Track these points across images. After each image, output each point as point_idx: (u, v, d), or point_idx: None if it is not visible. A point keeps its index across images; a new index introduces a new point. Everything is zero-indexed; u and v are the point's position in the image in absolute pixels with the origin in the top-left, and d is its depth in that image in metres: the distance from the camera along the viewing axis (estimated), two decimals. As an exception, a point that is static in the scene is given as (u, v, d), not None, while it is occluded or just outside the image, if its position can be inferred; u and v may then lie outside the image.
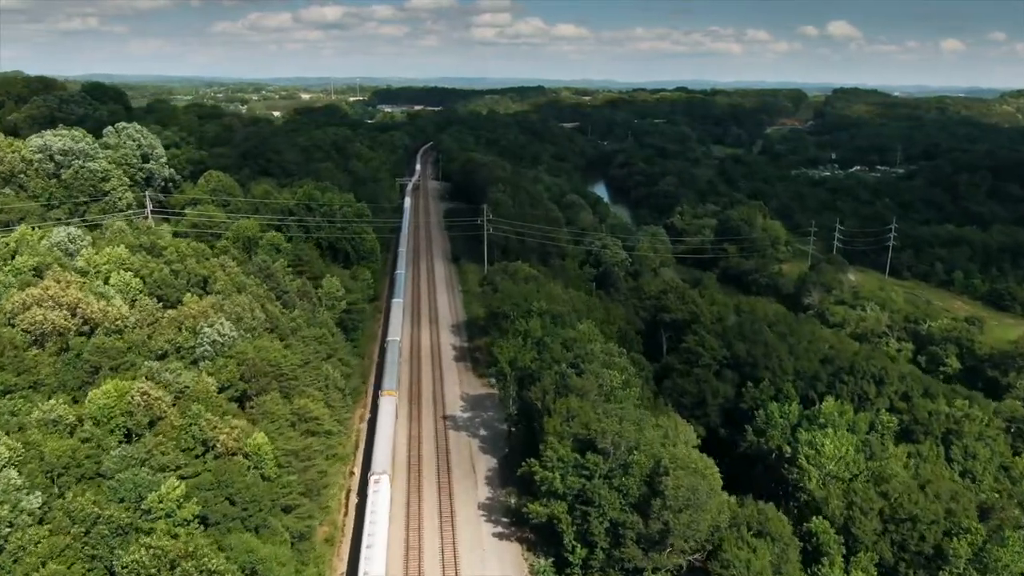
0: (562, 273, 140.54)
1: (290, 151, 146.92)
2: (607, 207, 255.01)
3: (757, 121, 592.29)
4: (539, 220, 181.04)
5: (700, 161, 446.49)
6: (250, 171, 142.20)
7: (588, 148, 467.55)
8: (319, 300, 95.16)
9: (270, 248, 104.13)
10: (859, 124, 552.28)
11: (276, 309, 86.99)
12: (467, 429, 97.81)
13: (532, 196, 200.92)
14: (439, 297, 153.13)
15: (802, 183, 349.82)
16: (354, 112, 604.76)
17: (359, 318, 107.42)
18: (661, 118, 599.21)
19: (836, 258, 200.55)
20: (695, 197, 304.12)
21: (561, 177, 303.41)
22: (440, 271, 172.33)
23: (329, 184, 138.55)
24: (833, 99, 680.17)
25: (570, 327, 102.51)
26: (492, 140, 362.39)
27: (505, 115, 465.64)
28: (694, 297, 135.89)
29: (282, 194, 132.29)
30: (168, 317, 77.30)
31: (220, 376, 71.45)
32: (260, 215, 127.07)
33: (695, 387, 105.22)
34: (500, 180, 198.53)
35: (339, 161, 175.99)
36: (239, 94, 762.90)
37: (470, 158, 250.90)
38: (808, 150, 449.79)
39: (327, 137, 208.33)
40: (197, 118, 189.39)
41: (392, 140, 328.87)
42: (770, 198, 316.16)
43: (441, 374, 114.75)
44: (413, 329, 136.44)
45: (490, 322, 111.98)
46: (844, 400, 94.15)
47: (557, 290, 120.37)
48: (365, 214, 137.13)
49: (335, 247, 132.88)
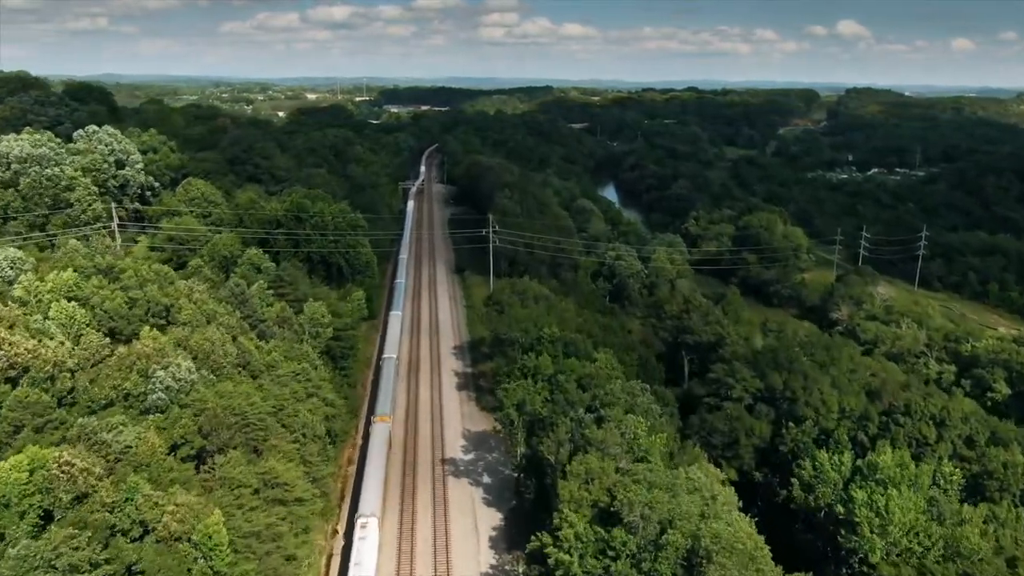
0: (574, 289, 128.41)
1: (280, 156, 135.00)
2: (619, 212, 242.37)
3: (769, 122, 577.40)
4: (549, 229, 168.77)
5: (712, 163, 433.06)
6: (236, 178, 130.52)
7: (597, 149, 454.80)
8: (301, 328, 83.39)
9: (249, 267, 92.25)
10: (873, 125, 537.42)
11: (250, 342, 75.01)
12: (469, 474, 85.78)
13: (541, 202, 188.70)
14: (441, 312, 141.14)
15: (819, 186, 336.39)
16: (359, 112, 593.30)
17: (350, 343, 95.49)
18: (671, 118, 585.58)
19: (866, 269, 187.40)
20: (709, 201, 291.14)
21: (571, 180, 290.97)
22: (443, 283, 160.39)
23: (322, 192, 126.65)
24: (846, 99, 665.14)
25: (586, 357, 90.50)
26: (499, 141, 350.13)
27: (513, 115, 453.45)
28: (719, 317, 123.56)
29: (270, 203, 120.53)
30: (117, 357, 65.42)
31: (173, 431, 59.61)
32: (244, 227, 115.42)
33: (726, 424, 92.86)
34: (507, 185, 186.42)
35: (336, 166, 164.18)
36: (245, 94, 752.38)
37: (475, 161, 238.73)
38: (823, 152, 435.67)
39: (325, 140, 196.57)
40: (184, 120, 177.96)
41: (396, 142, 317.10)
42: (787, 202, 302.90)
43: (441, 405, 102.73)
44: (412, 348, 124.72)
45: (495, 348, 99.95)
46: (900, 446, 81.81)
47: (570, 311, 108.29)
48: (360, 225, 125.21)
49: (328, 261, 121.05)
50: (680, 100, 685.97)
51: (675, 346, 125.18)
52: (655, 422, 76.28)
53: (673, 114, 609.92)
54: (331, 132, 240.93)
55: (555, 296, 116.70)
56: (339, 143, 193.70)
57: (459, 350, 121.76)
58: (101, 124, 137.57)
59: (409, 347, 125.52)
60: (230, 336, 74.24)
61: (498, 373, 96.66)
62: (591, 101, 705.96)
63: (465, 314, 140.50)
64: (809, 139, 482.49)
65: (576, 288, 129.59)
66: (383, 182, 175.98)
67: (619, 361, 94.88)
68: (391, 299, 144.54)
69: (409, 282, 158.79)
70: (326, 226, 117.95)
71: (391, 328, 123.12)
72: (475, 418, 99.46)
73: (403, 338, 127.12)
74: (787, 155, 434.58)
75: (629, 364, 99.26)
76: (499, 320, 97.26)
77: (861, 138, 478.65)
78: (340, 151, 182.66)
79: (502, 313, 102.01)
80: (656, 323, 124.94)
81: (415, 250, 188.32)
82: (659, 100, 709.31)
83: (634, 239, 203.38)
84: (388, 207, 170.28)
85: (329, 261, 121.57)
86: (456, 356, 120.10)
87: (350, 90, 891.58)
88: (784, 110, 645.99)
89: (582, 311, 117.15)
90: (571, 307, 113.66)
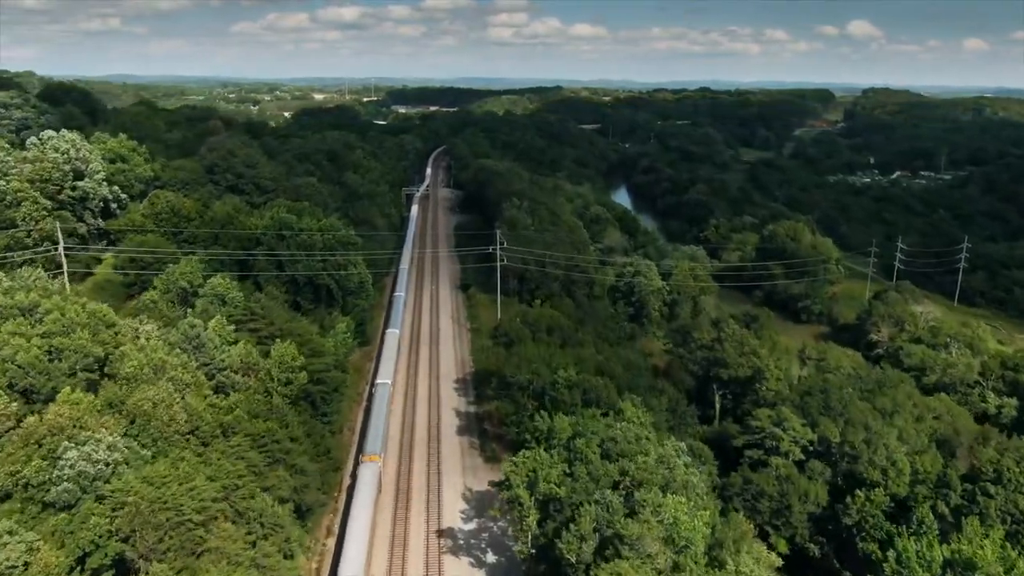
0: (591, 313, 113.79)
1: (266, 163, 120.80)
2: (636, 220, 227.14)
3: (785, 123, 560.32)
4: (562, 242, 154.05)
5: (728, 165, 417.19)
6: (216, 188, 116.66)
7: (609, 151, 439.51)
8: (268, 375, 69.24)
9: (213, 299, 78.12)
10: (892, 126, 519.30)
11: (202, 401, 60.81)
12: (469, 551, 71.30)
13: (552, 211, 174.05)
14: (443, 338, 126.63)
15: (843, 191, 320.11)
16: (367, 113, 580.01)
17: (333, 386, 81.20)
18: (684, 119, 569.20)
19: (905, 285, 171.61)
20: (728, 207, 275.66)
21: (583, 185, 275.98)
22: (446, 301, 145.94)
23: (309, 205, 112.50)
24: (862, 100, 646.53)
25: (608, 405, 76.06)
26: (509, 143, 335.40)
27: (523, 117, 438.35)
28: (754, 347, 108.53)
29: (251, 218, 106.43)
30: (22, 431, 51.33)
31: (80, 535, 45.34)
32: (220, 246, 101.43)
33: (775, 487, 78.05)
34: (516, 193, 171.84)
35: (331, 173, 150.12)
36: (252, 94, 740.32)
37: (483, 166, 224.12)
38: (843, 154, 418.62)
39: (323, 144, 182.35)
40: (169, 124, 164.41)
41: (402, 144, 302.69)
42: (810, 208, 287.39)
43: (439, 456, 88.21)
44: (409, 378, 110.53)
45: (501, 390, 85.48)
46: (992, 523, 66.99)
47: (588, 344, 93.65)
48: (353, 243, 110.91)
49: (316, 284, 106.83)
50: (692, 100, 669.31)
51: (705, 379, 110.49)
52: (697, 500, 61.75)
53: (686, 115, 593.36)
54: (331, 135, 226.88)
55: (570, 323, 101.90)
56: (337, 147, 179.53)
57: (462, 384, 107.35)
58: (77, 128, 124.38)
59: (406, 375, 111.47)
60: (179, 394, 60.00)
61: (505, 421, 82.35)
62: (602, 101, 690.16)
63: (470, 339, 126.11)
64: (827, 141, 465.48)
65: (592, 312, 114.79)
66: (383, 190, 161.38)
67: (646, 406, 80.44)
68: (389, 315, 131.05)
69: (409, 298, 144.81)
70: (313, 244, 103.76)
71: (387, 349, 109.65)
72: (478, 472, 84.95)
73: (399, 363, 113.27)
74: (805, 157, 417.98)
75: (658, 410, 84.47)
76: (507, 358, 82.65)
77: (881, 140, 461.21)
78: (337, 156, 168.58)
79: (511, 347, 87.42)
80: (684, 353, 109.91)
81: (417, 262, 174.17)
82: (671, 100, 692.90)
83: (653, 251, 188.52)
84: (387, 218, 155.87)
85: (317, 283, 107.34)
86: (458, 390, 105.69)
87: (358, 90, 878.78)
88: (800, 111, 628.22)
89: (601, 344, 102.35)
90: (588, 337, 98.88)
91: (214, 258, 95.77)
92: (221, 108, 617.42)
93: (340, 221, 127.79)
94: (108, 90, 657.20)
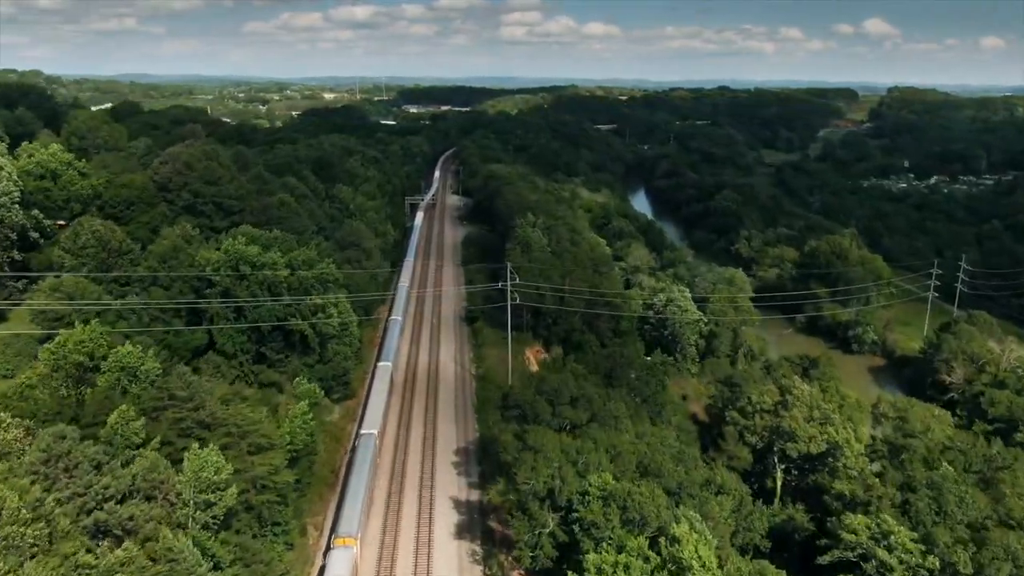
0: (621, 368, 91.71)
1: (233, 179, 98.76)
2: (662, 233, 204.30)
3: (808, 123, 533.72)
4: (582, 265, 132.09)
5: (752, 168, 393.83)
6: (169, 210, 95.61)
7: (626, 153, 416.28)
8: (180, 499, 48.02)
9: (119, 375, 56.81)
10: (921, 127, 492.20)
11: (53, 570, 39.33)
12: None
13: (571, 226, 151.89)
14: (443, 384, 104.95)
15: (879, 197, 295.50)
16: (376, 112, 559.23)
17: (282, 493, 59.61)
18: (703, 119, 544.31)
19: (982, 315, 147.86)
20: (759, 216, 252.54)
21: (601, 191, 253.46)
22: (449, 338, 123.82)
23: (280, 231, 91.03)
24: (887, 99, 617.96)
25: (655, 525, 54.41)
26: (521, 146, 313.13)
27: (537, 117, 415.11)
28: (828, 413, 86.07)
29: (203, 250, 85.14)
30: None
31: None
32: (163, 288, 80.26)
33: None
34: (530, 207, 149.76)
35: (318, 185, 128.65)
36: (261, 94, 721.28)
37: (493, 173, 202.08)
38: (874, 156, 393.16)
39: (315, 150, 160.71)
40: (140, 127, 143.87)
41: (408, 147, 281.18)
42: (846, 217, 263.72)
43: (428, 566, 66.61)
44: (399, 440, 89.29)
45: (511, 494, 63.59)
46: None
47: (624, 428, 71.76)
48: (331, 280, 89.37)
49: (287, 330, 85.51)
50: (711, 100, 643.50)
51: (764, 448, 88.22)
52: None
53: (704, 114, 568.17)
54: (329, 139, 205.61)
55: (599, 388, 79.85)
56: (330, 154, 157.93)
57: (462, 457, 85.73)
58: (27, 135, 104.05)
59: (396, 436, 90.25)
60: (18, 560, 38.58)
61: (518, 539, 60.60)
62: (617, 100, 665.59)
63: (474, 389, 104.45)
64: (856, 142, 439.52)
65: (623, 368, 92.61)
66: (377, 205, 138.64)
67: (703, 514, 58.75)
68: (383, 343, 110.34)
69: (407, 322, 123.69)
70: (278, 287, 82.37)
71: (375, 394, 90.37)
72: (481, 600, 63.41)
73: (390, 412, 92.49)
74: (835, 160, 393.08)
75: (720, 519, 62.45)
76: (519, 457, 60.72)
77: (911, 141, 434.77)
78: (328, 165, 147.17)
79: (524, 430, 65.54)
80: (739, 419, 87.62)
81: (420, 277, 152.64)
82: (688, 98, 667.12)
83: (684, 270, 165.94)
84: (383, 237, 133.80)
85: (290, 329, 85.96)
86: (458, 465, 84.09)
87: (369, 89, 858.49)
88: (823, 110, 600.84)
89: (640, 417, 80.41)
90: (622, 406, 76.89)
91: (150, 307, 74.58)
92: (229, 107, 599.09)
93: (322, 246, 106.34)
94: (115, 89, 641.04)
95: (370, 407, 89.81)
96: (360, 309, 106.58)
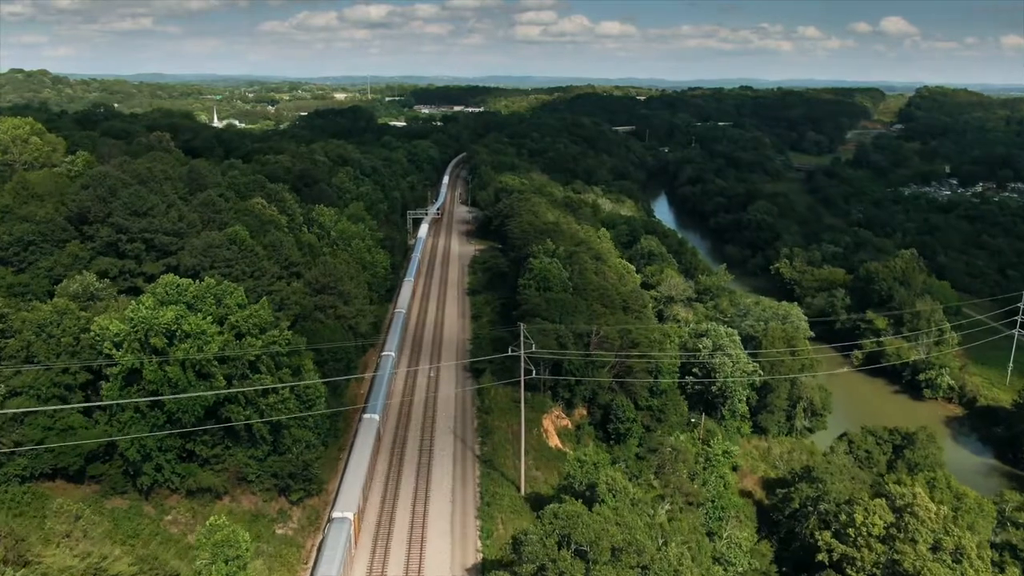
0: (672, 459, 67.93)
1: (165, 209, 74.89)
2: (695, 254, 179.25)
3: (836, 124, 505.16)
4: (610, 303, 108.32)
5: (781, 173, 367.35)
6: (85, 248, 72.55)
7: (647, 156, 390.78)
8: None
9: None
10: (956, 129, 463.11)
11: None
12: None
13: (595, 252, 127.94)
14: (436, 470, 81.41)
15: (924, 208, 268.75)
16: (387, 113, 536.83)
17: None
18: (725, 120, 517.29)
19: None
20: (798, 229, 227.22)
21: (625, 202, 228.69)
22: (448, 403, 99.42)
23: (223, 280, 67.82)
24: (917, 99, 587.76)
25: None
26: (537, 150, 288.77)
27: (554, 120, 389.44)
28: (960, 537, 61.75)
29: (103, 316, 62.07)
30: None
31: None
32: (36, 362, 57.48)
33: None
34: (547, 231, 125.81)
35: (294, 209, 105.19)
36: (271, 94, 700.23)
37: (505, 186, 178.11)
38: (911, 161, 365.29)
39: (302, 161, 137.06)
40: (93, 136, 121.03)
41: (415, 152, 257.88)
42: (892, 229, 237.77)
43: None
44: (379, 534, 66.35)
45: None
46: None
47: None
48: (285, 355, 65.97)
49: (232, 424, 62.49)
50: (733, 99, 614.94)
51: None
52: None
53: (727, 115, 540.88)
54: (326, 146, 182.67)
55: (643, 534, 55.73)
56: (316, 167, 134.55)
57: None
58: None
59: (378, 521, 67.54)
60: None
61: None
62: (635, 99, 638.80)
63: (478, 474, 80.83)
64: (889, 145, 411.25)
65: (674, 456, 68.60)
66: (361, 231, 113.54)
67: None
68: (370, 394, 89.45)
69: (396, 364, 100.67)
70: (211, 363, 59.24)
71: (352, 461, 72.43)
72: None
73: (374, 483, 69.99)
74: (869, 165, 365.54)
75: None
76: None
77: (948, 144, 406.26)
78: (312, 180, 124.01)
79: None
80: (839, 547, 63.49)
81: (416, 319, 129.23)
82: (708, 96, 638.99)
83: (726, 300, 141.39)
84: (371, 270, 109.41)
85: (234, 421, 62.89)
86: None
87: (382, 89, 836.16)
88: (851, 111, 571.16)
89: (703, 552, 56.38)
90: (684, 552, 52.99)
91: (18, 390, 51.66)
92: (237, 108, 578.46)
93: (289, 289, 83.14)
94: (122, 89, 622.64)
95: (346, 483, 69.60)
96: (336, 367, 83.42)
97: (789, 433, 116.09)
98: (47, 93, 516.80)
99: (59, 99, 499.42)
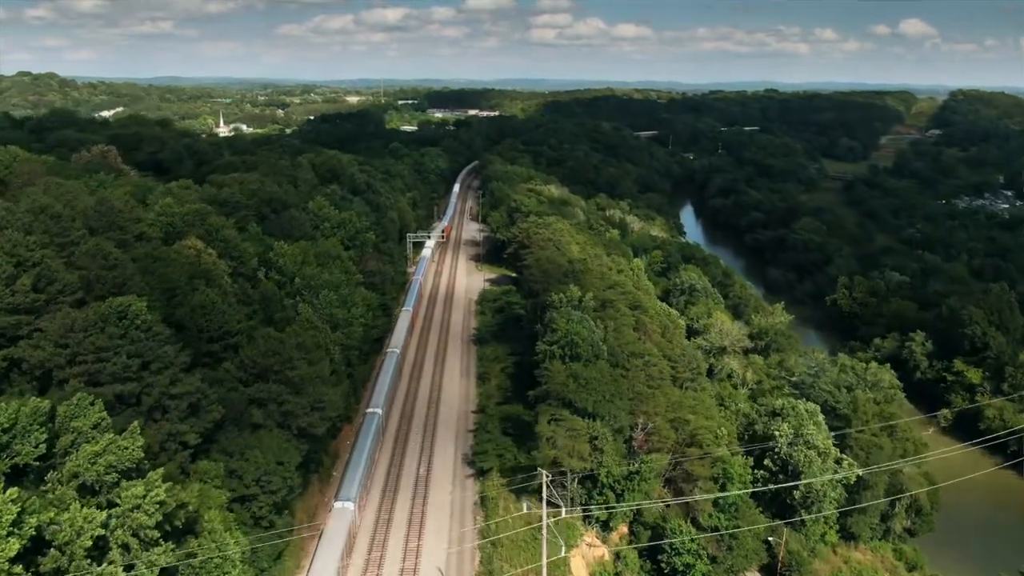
0: None
1: (12, 269, 49.77)
2: (744, 287, 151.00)
3: (868, 129, 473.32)
4: (660, 375, 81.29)
5: (816, 182, 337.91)
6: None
7: (672, 164, 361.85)
8: None
9: None
10: (999, 134, 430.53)
11: None
12: None
13: (632, 299, 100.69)
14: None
15: (986, 224, 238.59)
16: (400, 117, 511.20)
17: None
18: (751, 124, 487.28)
19: None
20: (850, 251, 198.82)
21: (655, 220, 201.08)
22: (441, 507, 73.18)
23: (83, 392, 42.09)
24: (952, 102, 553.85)
25: None
26: (556, 159, 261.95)
27: (574, 126, 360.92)
28: None
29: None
30: None
31: None
32: None
33: None
34: (572, 272, 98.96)
35: (239, 251, 78.91)
36: (283, 97, 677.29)
37: (519, 207, 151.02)
38: (958, 170, 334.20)
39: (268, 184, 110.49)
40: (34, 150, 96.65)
41: (423, 163, 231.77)
42: (955, 249, 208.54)
43: None
44: None
45: None
46: None
47: None
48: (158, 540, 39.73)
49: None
50: (758, 103, 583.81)
51: None
52: None
53: (752, 119, 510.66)
54: (310, 158, 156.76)
55: None
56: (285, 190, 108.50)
57: None
58: None
59: None
60: None
61: None
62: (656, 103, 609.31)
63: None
64: (928, 152, 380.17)
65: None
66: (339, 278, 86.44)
67: None
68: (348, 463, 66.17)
69: (376, 454, 74.36)
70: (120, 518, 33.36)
71: None
72: None
73: None
74: (910, 173, 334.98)
75: None
76: None
77: (995, 151, 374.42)
78: (281, 206, 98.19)
79: None
80: None
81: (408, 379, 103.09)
82: (732, 99, 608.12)
83: (792, 356, 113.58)
84: (345, 328, 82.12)
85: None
86: None
87: (396, 92, 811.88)
88: (883, 115, 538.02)
89: None
90: None
91: None
92: (246, 111, 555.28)
93: (199, 388, 57.06)
94: (131, 92, 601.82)
95: None
96: (270, 499, 57.10)
97: (884, 537, 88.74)
98: (52, 96, 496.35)
99: (64, 102, 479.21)
